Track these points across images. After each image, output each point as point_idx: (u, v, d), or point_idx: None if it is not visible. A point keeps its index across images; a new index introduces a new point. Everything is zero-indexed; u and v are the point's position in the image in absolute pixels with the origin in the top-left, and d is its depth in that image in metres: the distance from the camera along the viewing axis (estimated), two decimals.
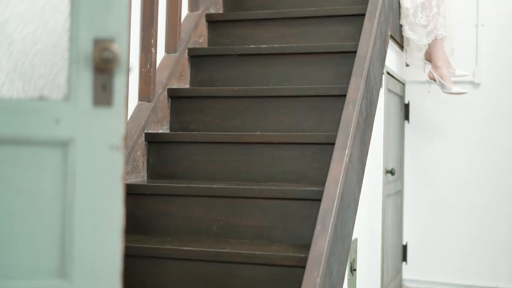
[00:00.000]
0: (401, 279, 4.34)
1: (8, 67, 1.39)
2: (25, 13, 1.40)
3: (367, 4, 3.29)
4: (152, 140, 3.03)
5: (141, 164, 2.99)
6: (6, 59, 1.38)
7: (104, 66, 1.39)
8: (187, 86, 3.41)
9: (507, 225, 4.21)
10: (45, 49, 1.42)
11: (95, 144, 1.41)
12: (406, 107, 4.36)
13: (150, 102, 3.07)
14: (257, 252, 2.37)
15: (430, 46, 3.90)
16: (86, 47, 1.40)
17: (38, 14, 1.41)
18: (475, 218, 4.27)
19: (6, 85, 1.38)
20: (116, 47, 1.40)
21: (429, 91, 4.18)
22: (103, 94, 1.41)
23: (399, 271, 4.27)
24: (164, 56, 3.32)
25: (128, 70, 1.60)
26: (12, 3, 1.39)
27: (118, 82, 1.42)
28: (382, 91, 3.40)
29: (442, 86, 3.91)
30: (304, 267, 2.24)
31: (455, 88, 3.91)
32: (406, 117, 4.37)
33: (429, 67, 4.01)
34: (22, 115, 1.36)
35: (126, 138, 2.39)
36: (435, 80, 3.93)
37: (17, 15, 1.40)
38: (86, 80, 1.40)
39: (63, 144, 1.39)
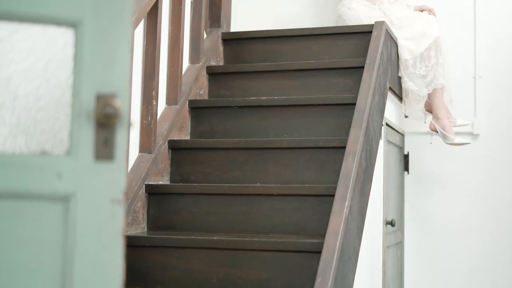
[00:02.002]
0: None
1: (12, 123, 1.41)
2: (29, 70, 1.43)
3: (365, 57, 3.34)
4: (153, 192, 3.04)
5: (141, 216, 2.99)
6: (9, 115, 1.41)
7: (105, 121, 1.41)
8: (188, 137, 3.44)
9: (507, 275, 4.18)
10: (48, 104, 1.44)
11: (96, 198, 1.42)
12: (406, 157, 4.38)
13: (150, 153, 3.09)
14: None
15: (430, 96, 3.94)
16: (89, 102, 1.42)
17: (41, 70, 1.44)
18: (476, 269, 4.25)
19: (9, 140, 1.40)
20: (118, 103, 1.42)
21: (431, 143, 4.19)
22: (104, 149, 1.42)
23: None
24: (165, 108, 3.36)
25: (129, 125, 1.62)
26: (16, 60, 1.42)
27: (119, 137, 1.44)
28: (381, 143, 3.42)
29: (444, 137, 3.93)
30: None
31: (458, 139, 3.93)
32: (406, 167, 4.39)
33: (429, 118, 4.04)
34: (24, 170, 1.37)
35: (126, 192, 2.40)
36: (437, 132, 3.96)
37: (21, 71, 1.42)
38: (88, 135, 1.42)
39: (65, 199, 1.40)
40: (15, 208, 1.37)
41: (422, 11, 4.08)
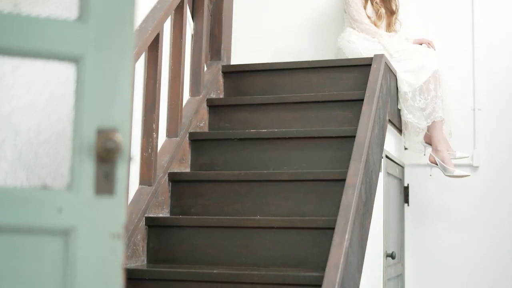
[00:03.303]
0: None
1: (13, 157, 1.42)
2: (30, 104, 1.44)
3: (365, 89, 3.35)
4: (153, 224, 3.04)
5: (141, 248, 2.99)
6: (11, 149, 1.41)
7: (106, 156, 1.42)
8: (188, 169, 3.44)
9: None
10: (49, 139, 1.45)
11: (96, 233, 1.42)
12: (406, 189, 4.38)
13: (151, 186, 3.09)
14: None
15: (429, 129, 3.95)
16: (90, 137, 1.43)
17: (43, 105, 1.45)
18: None
19: (10, 174, 1.41)
20: (119, 137, 1.43)
21: (430, 175, 4.20)
22: (105, 183, 1.43)
23: None
24: (166, 140, 3.37)
25: (129, 159, 1.63)
26: (18, 95, 1.43)
27: (119, 171, 1.44)
28: (381, 175, 3.43)
29: (444, 169, 3.94)
30: None
31: (457, 171, 3.94)
32: (406, 200, 4.38)
33: (429, 150, 4.05)
34: (25, 204, 1.38)
35: (126, 225, 2.40)
36: (436, 164, 3.96)
37: (23, 106, 1.43)
38: (88, 169, 1.43)
39: (65, 233, 1.40)
40: (15, 243, 1.37)
41: (421, 44, 4.11)
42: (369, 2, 4.21)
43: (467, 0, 4.45)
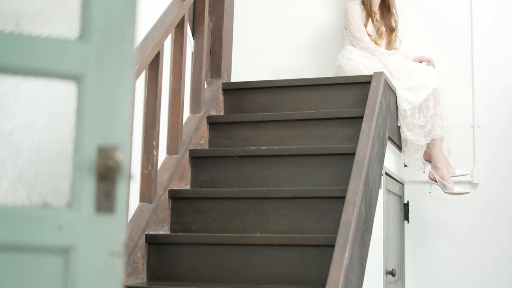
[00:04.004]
0: None
1: (14, 175, 1.42)
2: (31, 123, 1.45)
3: (365, 107, 3.36)
4: (153, 242, 3.04)
5: (141, 266, 2.99)
6: (12, 168, 1.42)
7: (107, 174, 1.43)
8: (188, 187, 3.44)
9: None
10: (50, 157, 1.45)
11: (96, 251, 1.43)
12: (406, 206, 4.38)
13: (151, 203, 3.09)
14: None
15: (429, 146, 3.96)
16: (90, 155, 1.44)
17: (44, 123, 1.45)
18: None
19: (11, 192, 1.41)
20: (119, 155, 1.43)
21: (430, 192, 4.20)
22: (105, 201, 1.43)
23: None
24: (166, 158, 3.37)
25: (130, 177, 1.64)
26: (20, 113, 1.44)
27: (120, 189, 1.45)
28: (381, 192, 3.43)
29: (444, 186, 3.94)
30: None
31: (457, 188, 3.94)
32: (406, 217, 4.38)
33: (428, 167, 4.06)
34: (26, 222, 1.38)
35: (126, 243, 2.40)
36: (436, 181, 3.97)
37: (24, 124, 1.44)
38: (89, 187, 1.43)
39: (65, 251, 1.41)
40: (15, 261, 1.38)
41: (421, 61, 4.13)
42: (370, 20, 4.23)
43: (466, 18, 4.47)
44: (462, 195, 4.02)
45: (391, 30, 4.31)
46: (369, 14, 4.24)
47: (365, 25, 4.21)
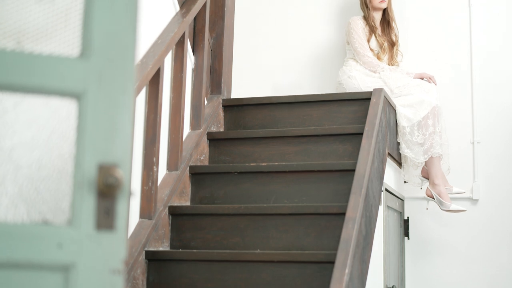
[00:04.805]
0: None
1: (14, 193, 1.42)
2: (32, 140, 1.45)
3: (364, 123, 3.37)
4: (153, 258, 3.03)
5: (141, 282, 2.98)
6: (12, 185, 1.42)
7: (107, 191, 1.43)
8: (188, 203, 3.44)
9: None
10: (50, 174, 1.45)
11: (96, 268, 1.43)
12: (406, 222, 4.37)
13: (151, 219, 3.09)
14: None
15: (427, 163, 3.97)
16: (91, 172, 1.44)
17: (44, 141, 1.46)
18: None
19: (11, 210, 1.41)
20: (120, 173, 1.44)
21: (427, 208, 4.21)
22: (105, 218, 1.43)
23: None
24: (166, 174, 3.37)
25: (130, 195, 1.64)
26: (20, 131, 1.44)
27: (120, 206, 1.45)
28: (381, 208, 3.43)
29: (441, 203, 3.95)
30: None
31: (454, 206, 3.95)
32: (406, 233, 4.38)
33: (426, 184, 4.06)
34: (26, 240, 1.38)
35: (126, 260, 2.40)
36: (433, 198, 3.98)
37: (25, 142, 1.44)
38: (89, 205, 1.43)
39: (65, 268, 1.41)
40: (15, 278, 1.38)
41: (422, 78, 4.12)
42: (373, 35, 4.25)
43: (465, 34, 4.48)
44: (459, 212, 4.03)
45: (392, 44, 4.32)
46: (372, 29, 4.25)
47: (368, 40, 4.22)
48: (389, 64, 4.24)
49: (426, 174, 4.05)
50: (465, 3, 4.52)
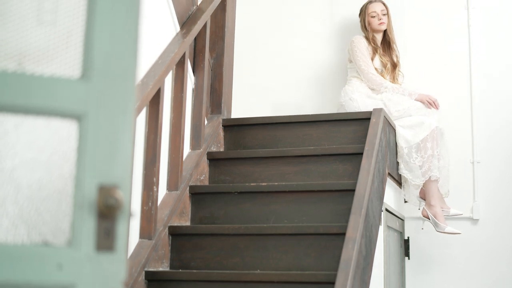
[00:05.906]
0: None
1: (14, 213, 1.42)
2: (32, 161, 1.45)
3: (364, 143, 3.38)
4: (152, 278, 3.02)
5: None
6: (12, 206, 1.42)
7: (107, 212, 1.43)
8: (188, 223, 3.44)
9: None
10: (51, 195, 1.46)
11: None
12: (406, 242, 4.37)
13: (151, 239, 3.09)
14: None
15: (424, 184, 3.97)
16: (91, 193, 1.44)
17: (45, 162, 1.46)
18: None
19: (12, 231, 1.41)
20: (120, 194, 1.44)
21: (422, 228, 4.21)
22: (105, 239, 1.43)
23: None
24: (166, 194, 3.37)
25: (130, 216, 1.64)
26: (21, 151, 1.45)
27: (120, 227, 1.45)
28: (381, 228, 3.42)
29: (436, 225, 3.96)
30: None
31: (449, 228, 3.95)
32: (406, 253, 4.37)
33: (423, 204, 4.06)
34: (25, 261, 1.38)
35: (126, 281, 2.39)
36: (429, 218, 3.98)
37: (25, 163, 1.45)
38: (89, 225, 1.43)
39: None
40: None
41: (424, 102, 4.03)
42: (376, 55, 4.25)
43: (465, 54, 4.50)
44: (454, 235, 4.02)
45: (393, 66, 4.33)
46: (375, 49, 4.26)
47: (372, 59, 4.22)
48: None
49: (423, 195, 4.05)
50: (464, 24, 4.54)
